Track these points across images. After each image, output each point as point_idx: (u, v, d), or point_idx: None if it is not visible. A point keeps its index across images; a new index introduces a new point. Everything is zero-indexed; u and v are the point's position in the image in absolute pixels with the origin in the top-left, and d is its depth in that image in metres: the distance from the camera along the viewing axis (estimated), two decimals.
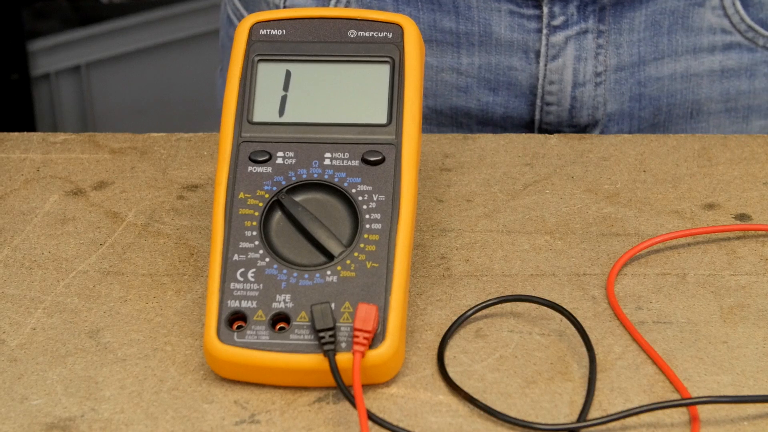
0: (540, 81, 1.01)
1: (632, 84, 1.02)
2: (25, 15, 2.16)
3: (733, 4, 1.01)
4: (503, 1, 0.98)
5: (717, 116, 1.05)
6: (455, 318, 0.78)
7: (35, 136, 0.96)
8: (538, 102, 1.02)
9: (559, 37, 0.99)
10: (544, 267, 0.82)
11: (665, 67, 1.02)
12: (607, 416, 0.70)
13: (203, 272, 0.82)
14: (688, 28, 1.01)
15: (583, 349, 0.75)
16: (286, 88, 0.79)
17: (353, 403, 0.69)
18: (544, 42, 0.99)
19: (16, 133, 0.96)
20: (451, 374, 0.73)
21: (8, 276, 0.82)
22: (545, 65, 1.00)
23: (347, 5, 1.01)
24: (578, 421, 0.70)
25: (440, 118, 1.04)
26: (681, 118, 1.05)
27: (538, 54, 0.96)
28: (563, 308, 0.77)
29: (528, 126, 1.04)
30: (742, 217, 0.87)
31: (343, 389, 0.69)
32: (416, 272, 0.82)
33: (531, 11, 0.99)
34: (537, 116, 1.03)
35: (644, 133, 1.04)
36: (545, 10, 0.98)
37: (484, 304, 0.78)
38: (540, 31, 0.99)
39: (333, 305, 0.72)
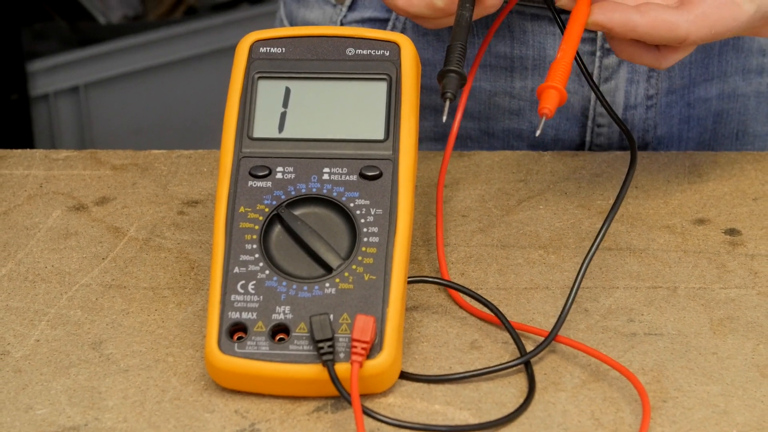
0: (592, 103, 1.02)
1: (682, 106, 1.03)
2: (24, 36, 2.18)
3: None
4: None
5: (763, 138, 1.06)
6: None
7: (38, 153, 0.98)
8: (590, 124, 1.03)
9: (612, 60, 1.00)
10: (537, 280, 0.84)
11: (714, 87, 1.03)
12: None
13: (204, 285, 0.83)
14: (739, 50, 1.02)
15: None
16: (285, 104, 0.81)
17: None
18: (597, 64, 1.00)
19: (19, 150, 0.98)
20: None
21: (12, 289, 0.83)
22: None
23: (404, 30, 1.02)
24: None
25: (491, 141, 1.05)
26: (726, 139, 1.05)
27: (590, 76, 0.95)
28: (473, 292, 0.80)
29: (578, 149, 1.04)
30: (731, 231, 0.89)
31: (345, 396, 0.71)
32: (413, 285, 0.83)
33: (585, 34, 0.99)
34: (588, 138, 1.03)
35: None
36: (599, 32, 0.98)
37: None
38: (594, 53, 1.00)
39: (331, 316, 0.74)
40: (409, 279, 0.81)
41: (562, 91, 0.78)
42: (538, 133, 0.79)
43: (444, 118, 0.77)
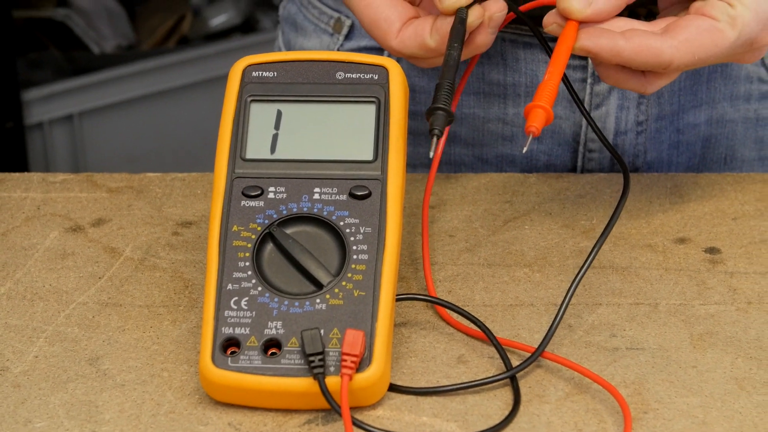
0: (583, 129, 1.04)
1: (671, 132, 1.05)
2: (19, 65, 2.20)
3: None
4: None
5: (750, 163, 1.08)
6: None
7: (35, 176, 1.00)
8: (581, 149, 1.05)
9: (602, 87, 1.02)
10: (522, 297, 0.86)
11: (702, 113, 1.05)
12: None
13: (197, 303, 0.86)
14: (727, 77, 1.04)
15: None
16: (277, 126, 0.83)
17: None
18: (588, 91, 1.02)
19: (17, 174, 1.01)
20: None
21: (11, 307, 0.85)
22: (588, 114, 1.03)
23: (399, 59, 1.04)
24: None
25: (484, 167, 1.07)
26: (715, 163, 1.08)
27: (581, 103, 0.96)
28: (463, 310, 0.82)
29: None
30: (711, 250, 0.91)
31: (335, 408, 0.73)
32: (401, 302, 0.85)
33: (576, 61, 1.02)
34: (579, 163, 1.06)
35: None
36: (590, 59, 0.99)
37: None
38: (585, 80, 1.02)
39: (322, 331, 0.76)
40: (398, 296, 0.83)
41: (548, 110, 0.81)
42: (525, 150, 0.81)
43: (431, 154, 0.79)
